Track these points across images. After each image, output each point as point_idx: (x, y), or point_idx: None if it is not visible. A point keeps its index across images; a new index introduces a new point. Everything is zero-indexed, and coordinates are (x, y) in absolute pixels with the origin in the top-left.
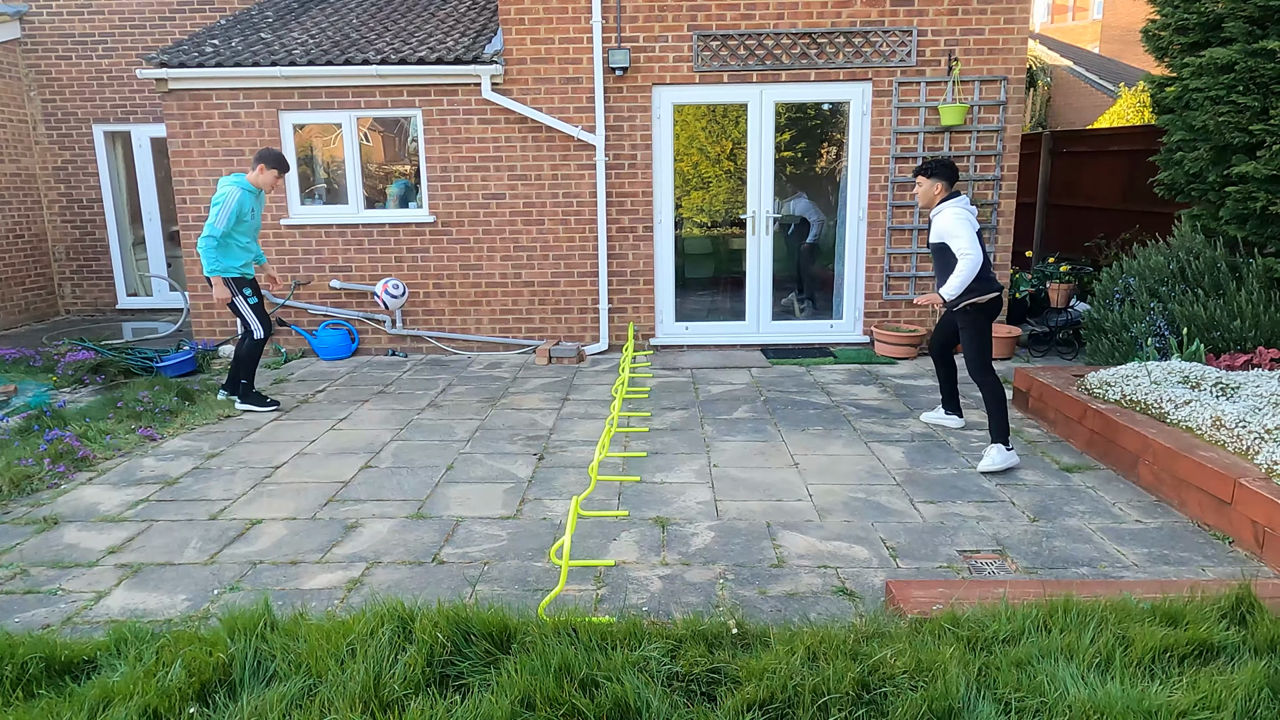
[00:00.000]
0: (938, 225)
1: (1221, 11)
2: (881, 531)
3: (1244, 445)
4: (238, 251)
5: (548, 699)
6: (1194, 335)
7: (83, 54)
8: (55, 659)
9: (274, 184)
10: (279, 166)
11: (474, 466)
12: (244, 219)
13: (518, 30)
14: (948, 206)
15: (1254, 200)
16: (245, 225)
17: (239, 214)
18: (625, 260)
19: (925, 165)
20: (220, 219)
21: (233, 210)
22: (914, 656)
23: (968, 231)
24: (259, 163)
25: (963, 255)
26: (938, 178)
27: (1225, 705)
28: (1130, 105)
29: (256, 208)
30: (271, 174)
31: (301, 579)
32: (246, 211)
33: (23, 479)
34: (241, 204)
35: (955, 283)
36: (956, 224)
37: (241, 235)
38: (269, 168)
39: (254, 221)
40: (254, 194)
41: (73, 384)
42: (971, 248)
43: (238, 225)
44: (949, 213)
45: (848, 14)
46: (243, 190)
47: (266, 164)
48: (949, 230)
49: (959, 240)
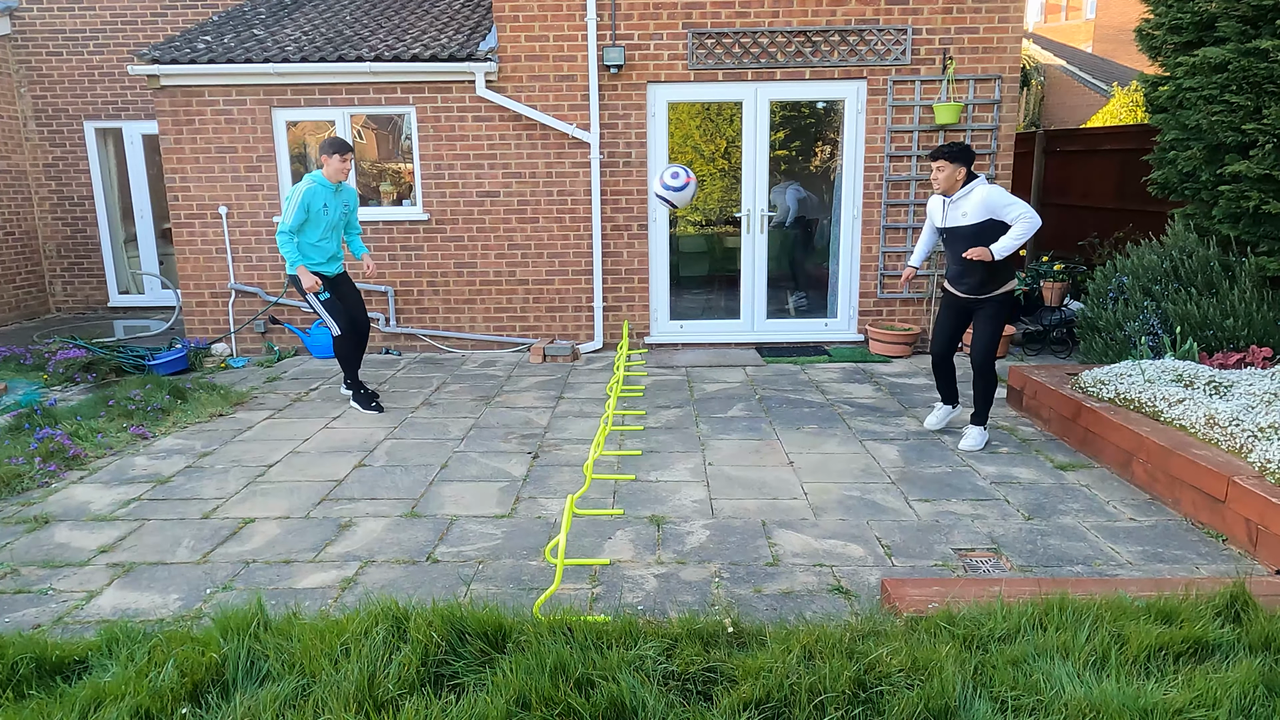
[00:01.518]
0: (984, 201)
1: (1215, 11)
2: (876, 530)
3: (1237, 443)
4: (308, 249)
5: (543, 698)
6: (1187, 334)
7: (74, 50)
8: (46, 659)
9: (341, 169)
10: (337, 150)
11: (468, 465)
12: (314, 216)
13: (512, 27)
14: (981, 184)
15: (1247, 199)
16: (316, 222)
17: (307, 209)
18: (620, 258)
19: (949, 150)
20: (287, 214)
21: (299, 205)
22: (910, 655)
23: (1018, 199)
24: (320, 155)
25: (1024, 218)
26: (960, 162)
27: (1220, 703)
28: (1123, 104)
29: (332, 203)
30: (334, 160)
31: (295, 578)
32: (318, 208)
33: (13, 478)
34: (310, 199)
35: (1011, 242)
36: (1004, 193)
37: (312, 232)
38: (329, 155)
39: (329, 218)
40: (328, 188)
41: (64, 382)
42: (1032, 211)
43: (308, 223)
44: (987, 187)
45: (843, 12)
46: (314, 184)
47: (325, 153)
48: (1001, 201)
49: (1018, 206)
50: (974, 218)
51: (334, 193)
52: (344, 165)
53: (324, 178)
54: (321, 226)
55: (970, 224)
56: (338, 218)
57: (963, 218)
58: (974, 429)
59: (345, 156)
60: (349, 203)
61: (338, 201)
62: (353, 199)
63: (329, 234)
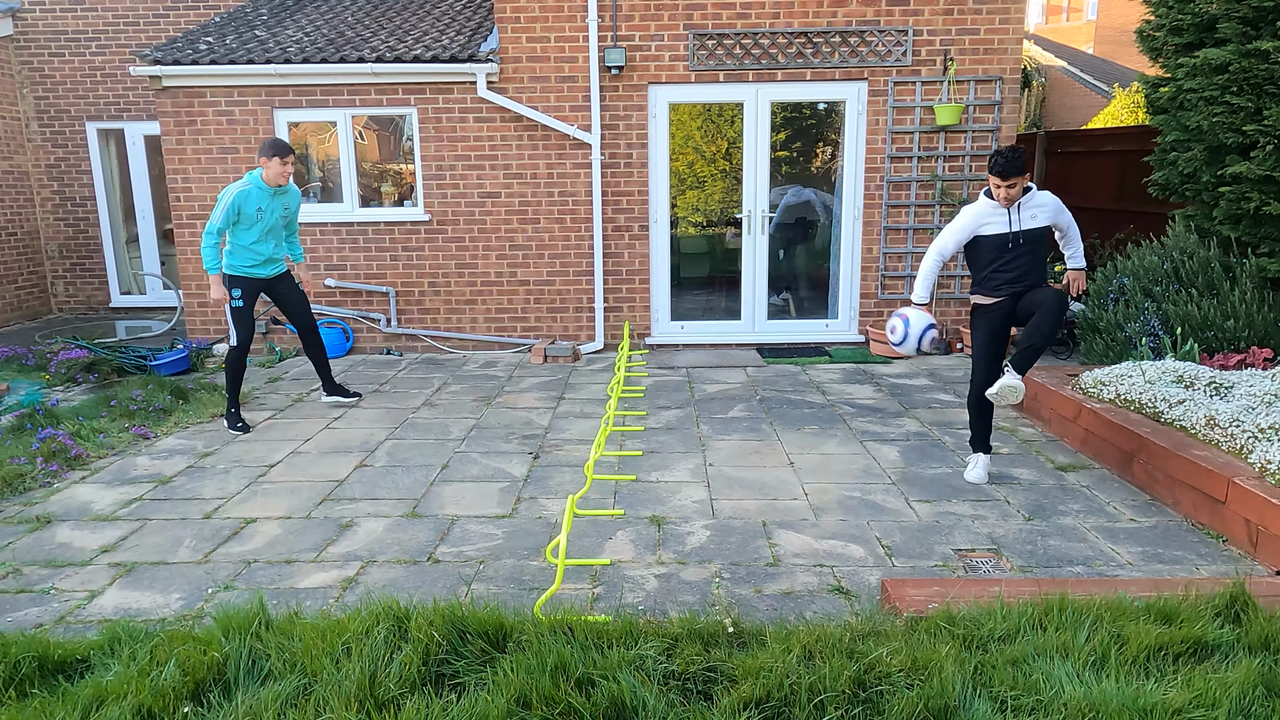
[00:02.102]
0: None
1: (1215, 12)
2: (877, 530)
3: (1238, 444)
4: (240, 251)
5: (544, 698)
6: (1188, 335)
7: (76, 51)
8: (48, 658)
9: (281, 172)
10: (277, 152)
11: (469, 465)
12: (247, 218)
13: (513, 29)
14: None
15: (1247, 201)
16: (250, 224)
17: (238, 211)
18: (621, 259)
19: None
20: (215, 214)
21: (228, 207)
22: (910, 655)
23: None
24: (259, 157)
25: (1075, 229)
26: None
27: (1220, 703)
28: (1124, 106)
29: (269, 206)
30: (274, 163)
31: (296, 578)
32: (251, 210)
33: (15, 478)
34: (241, 201)
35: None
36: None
37: (246, 234)
38: (268, 158)
39: (265, 221)
40: (264, 191)
41: (66, 382)
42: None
43: (238, 224)
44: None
45: (843, 13)
46: (248, 186)
47: (265, 155)
48: (1059, 204)
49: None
50: (1044, 219)
51: (271, 195)
52: (284, 169)
53: (261, 180)
54: (256, 229)
55: (1038, 227)
56: (275, 220)
57: (1033, 219)
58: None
59: (286, 159)
60: (290, 205)
61: (276, 204)
62: (295, 202)
63: (265, 237)
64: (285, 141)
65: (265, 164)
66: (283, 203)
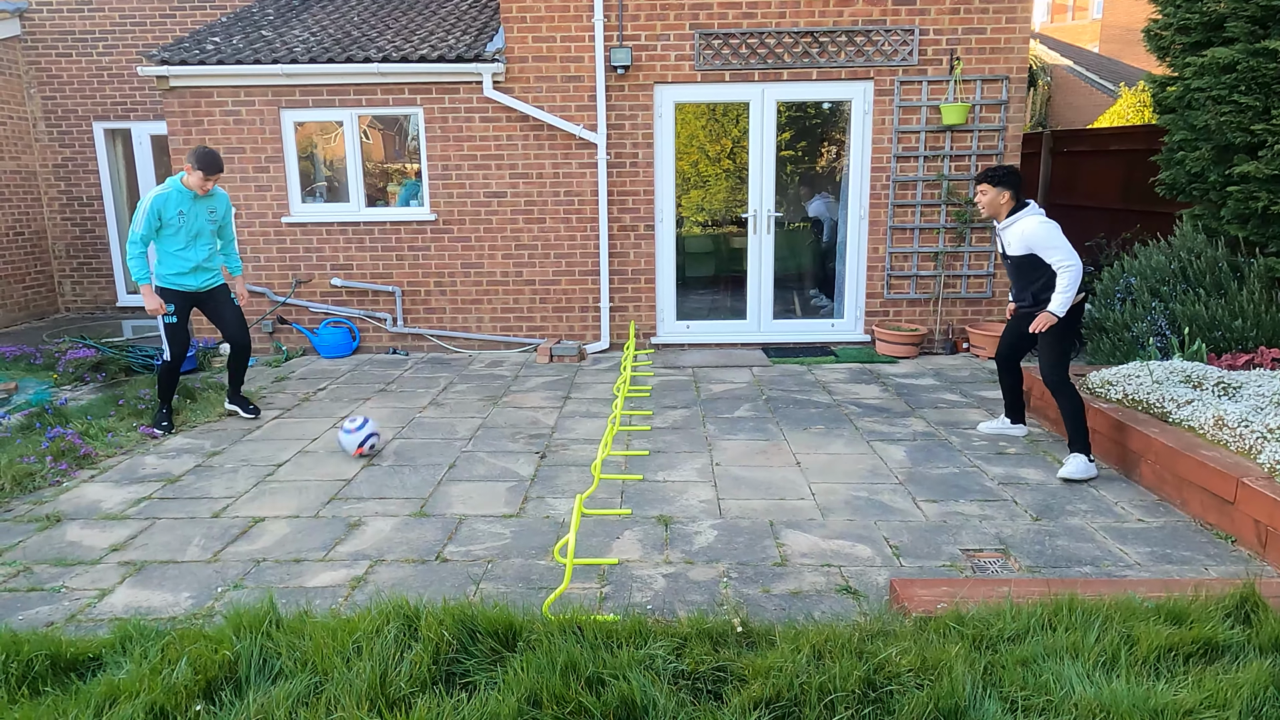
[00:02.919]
0: (1024, 237)
1: (1224, 11)
2: (884, 530)
3: (1246, 445)
4: (168, 259)
5: (554, 697)
6: (1195, 335)
7: (83, 51)
8: (60, 656)
9: (203, 185)
10: (204, 166)
11: (476, 465)
12: (169, 223)
13: (519, 28)
14: (1030, 216)
15: (1255, 200)
16: (174, 229)
17: (159, 216)
18: (626, 259)
19: (993, 173)
20: (137, 222)
21: (149, 212)
22: (919, 655)
23: (1061, 240)
24: (187, 162)
25: (1065, 268)
26: (1005, 186)
27: (1231, 704)
28: (1130, 105)
29: (192, 210)
30: (197, 175)
31: (305, 577)
32: (172, 214)
33: (25, 476)
34: (160, 205)
35: (1064, 298)
36: (1051, 235)
37: (171, 241)
38: (194, 168)
39: (189, 225)
40: (184, 194)
41: (74, 381)
42: (1073, 258)
43: (163, 229)
44: (1036, 223)
45: (849, 13)
46: (168, 190)
47: (192, 164)
48: (1043, 242)
49: (1058, 252)
50: (1016, 249)
51: (194, 199)
52: (206, 184)
53: (181, 184)
54: (181, 235)
55: (1015, 255)
56: (202, 225)
57: (1008, 246)
58: (1072, 456)
59: (209, 177)
60: (216, 209)
61: (199, 208)
62: (221, 205)
63: (191, 242)
64: (216, 158)
65: (190, 171)
66: (207, 206)
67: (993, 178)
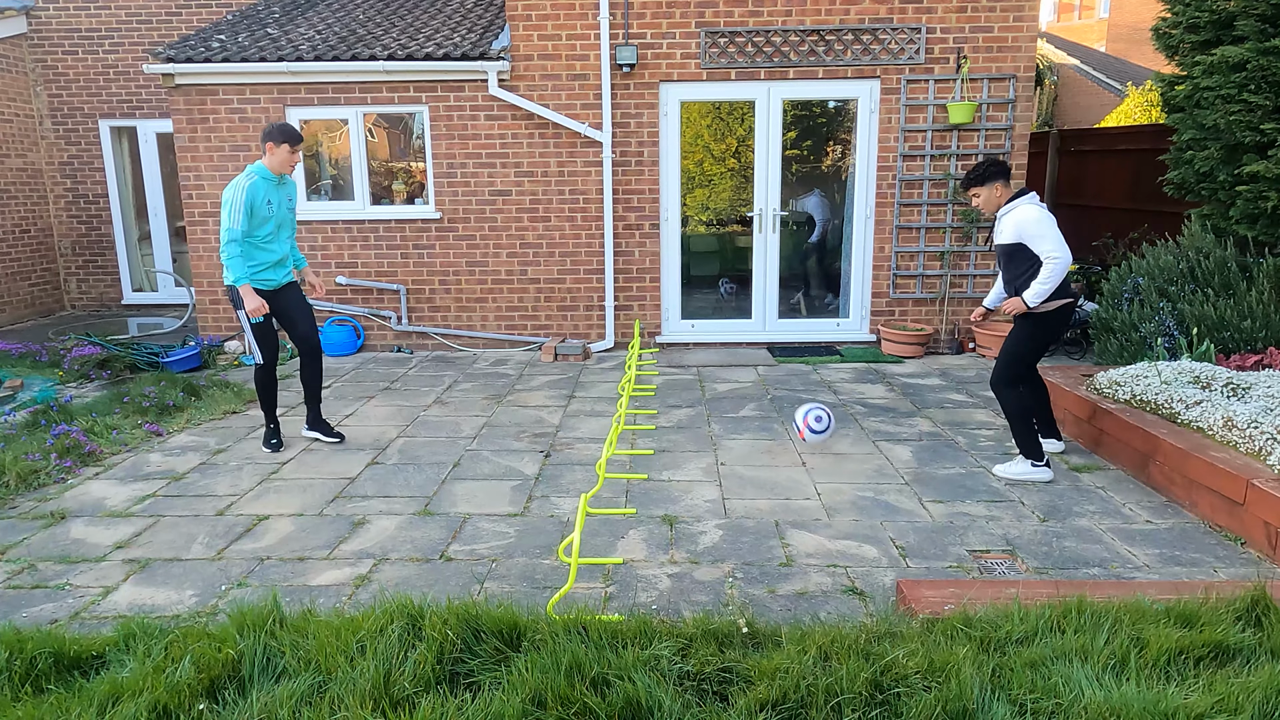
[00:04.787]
0: (1013, 225)
1: (1233, 9)
2: (890, 531)
3: (1256, 446)
4: (256, 251)
5: (559, 697)
6: (1204, 335)
7: (89, 49)
8: (64, 654)
9: (289, 161)
10: (288, 138)
11: (481, 463)
12: (259, 213)
13: (525, 26)
14: (1023, 204)
15: (1265, 200)
16: (261, 219)
17: (251, 208)
18: (631, 257)
19: (974, 174)
20: (232, 216)
21: (244, 204)
22: (927, 657)
23: (1053, 231)
24: (265, 141)
25: (1050, 258)
26: (993, 180)
27: (1243, 708)
28: (1137, 104)
29: (276, 197)
30: (282, 149)
31: (309, 575)
32: (261, 203)
33: (30, 474)
34: (253, 195)
35: (1041, 288)
36: (1040, 223)
37: (259, 230)
38: (276, 144)
39: (275, 213)
40: (270, 180)
41: (79, 379)
42: (1059, 249)
43: (253, 220)
44: (1027, 210)
45: (856, 11)
46: (255, 178)
47: (274, 140)
48: (1031, 230)
49: (1045, 241)
50: (1007, 237)
51: (276, 185)
52: (293, 157)
53: (266, 169)
54: (269, 224)
55: (1004, 243)
56: (285, 214)
57: (999, 234)
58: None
59: (295, 148)
60: (292, 196)
61: (281, 195)
62: (294, 192)
63: (276, 232)
64: (295, 128)
65: (272, 150)
66: (286, 194)
67: (978, 179)
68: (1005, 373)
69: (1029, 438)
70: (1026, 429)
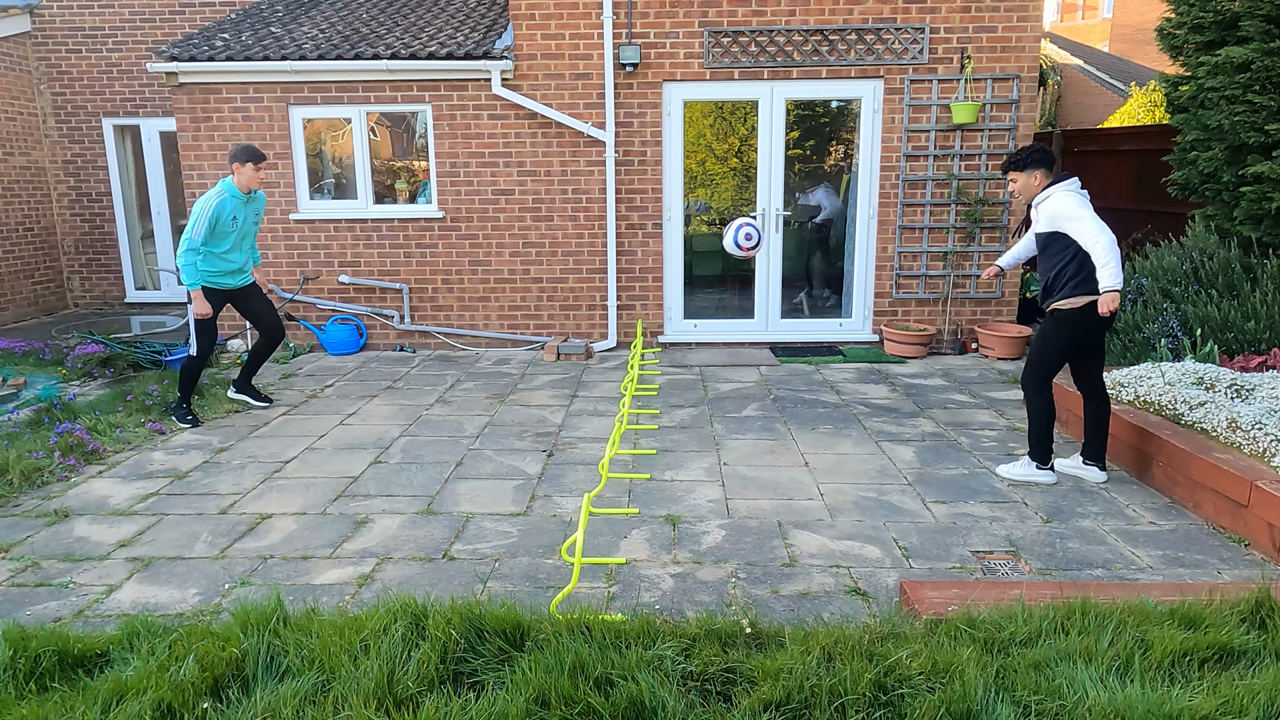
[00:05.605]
0: (1048, 214)
1: (1238, 10)
2: (893, 531)
3: (1260, 447)
4: (215, 261)
5: (562, 697)
6: (1207, 336)
7: (92, 48)
8: (68, 652)
9: (255, 178)
10: (252, 158)
11: (483, 463)
12: (223, 228)
13: (528, 26)
14: (1058, 190)
15: (1269, 201)
16: (224, 233)
17: (215, 223)
18: (634, 257)
19: (1017, 158)
20: (195, 228)
21: (208, 219)
22: (930, 658)
23: (1089, 212)
24: (232, 162)
25: (1095, 241)
26: (1035, 167)
27: (1248, 710)
28: (1141, 105)
29: (242, 213)
30: (248, 169)
31: (312, 574)
32: (227, 219)
33: (33, 471)
34: (219, 212)
35: (1111, 269)
36: (1073, 204)
37: (221, 243)
38: (242, 164)
39: (242, 226)
40: (237, 199)
41: (82, 377)
42: (1100, 228)
43: (216, 234)
44: (1061, 195)
45: (860, 11)
46: (224, 195)
47: (239, 161)
48: (1066, 212)
49: (1081, 222)
50: (1043, 225)
51: (244, 202)
52: (257, 175)
53: (234, 188)
54: (231, 238)
55: (1041, 231)
56: (249, 227)
57: (1037, 223)
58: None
59: (259, 165)
60: (259, 210)
61: (248, 211)
62: (262, 205)
63: (238, 244)
64: (257, 148)
65: (238, 170)
66: (254, 209)
67: (1018, 163)
68: (1032, 373)
69: (1043, 442)
70: (1044, 433)
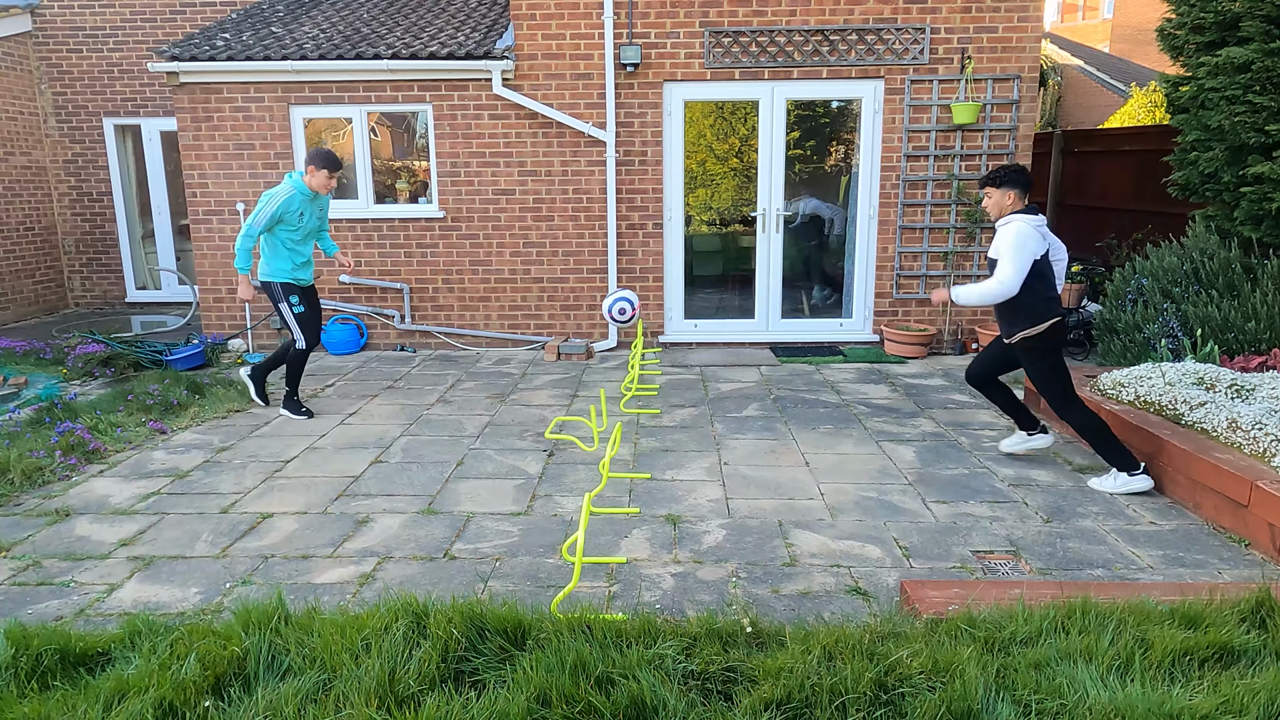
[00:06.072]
0: (1000, 236)
1: (1239, 10)
2: (894, 531)
3: (1260, 447)
4: (284, 253)
5: (563, 696)
6: (1208, 337)
7: (94, 47)
8: (70, 651)
9: (327, 185)
10: (329, 166)
11: (484, 462)
12: (289, 221)
13: (529, 25)
14: (1014, 220)
15: (1269, 201)
16: (291, 227)
17: (282, 215)
18: (635, 257)
19: (995, 174)
20: (259, 215)
21: (274, 210)
22: (931, 657)
23: (1021, 257)
24: (308, 164)
25: (996, 279)
26: (1010, 186)
27: (1248, 709)
28: (1141, 105)
29: (308, 210)
30: (322, 174)
31: (313, 573)
32: (294, 213)
33: (34, 471)
34: (287, 206)
35: (969, 294)
36: (1015, 243)
37: (289, 234)
38: (318, 169)
39: (306, 223)
40: (305, 196)
41: (83, 376)
42: (1011, 277)
43: (280, 226)
44: (1015, 228)
45: (860, 11)
46: (295, 191)
47: (315, 165)
48: (1003, 246)
49: (1003, 266)
50: (993, 250)
51: (311, 200)
52: (330, 182)
53: (304, 185)
54: (299, 231)
55: (990, 256)
56: (314, 224)
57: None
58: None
59: (334, 174)
60: (324, 207)
61: (313, 208)
62: (327, 204)
63: (305, 239)
64: (337, 157)
65: (312, 172)
66: (319, 206)
67: (995, 180)
68: (1055, 404)
69: (1114, 449)
70: (1107, 441)
